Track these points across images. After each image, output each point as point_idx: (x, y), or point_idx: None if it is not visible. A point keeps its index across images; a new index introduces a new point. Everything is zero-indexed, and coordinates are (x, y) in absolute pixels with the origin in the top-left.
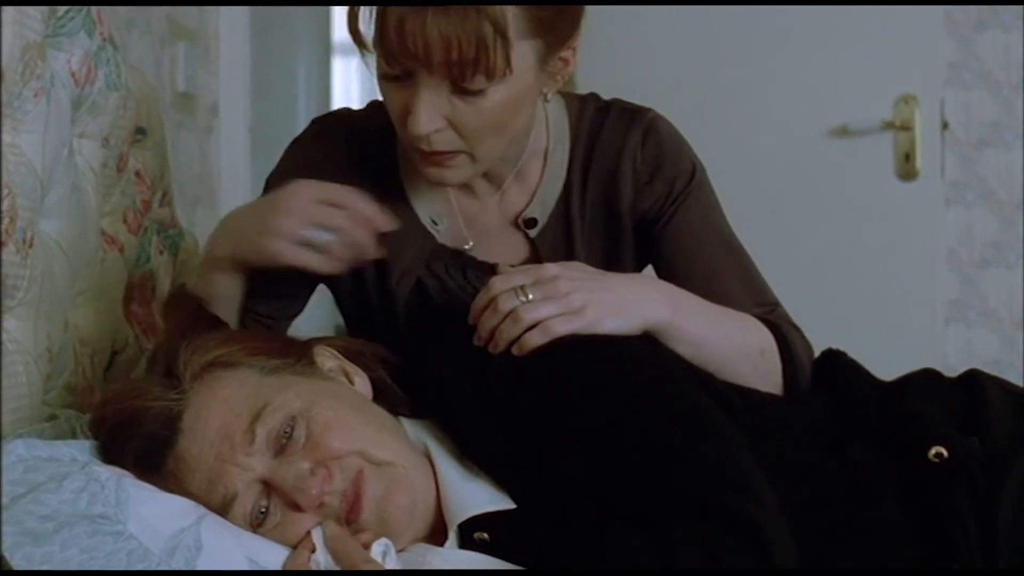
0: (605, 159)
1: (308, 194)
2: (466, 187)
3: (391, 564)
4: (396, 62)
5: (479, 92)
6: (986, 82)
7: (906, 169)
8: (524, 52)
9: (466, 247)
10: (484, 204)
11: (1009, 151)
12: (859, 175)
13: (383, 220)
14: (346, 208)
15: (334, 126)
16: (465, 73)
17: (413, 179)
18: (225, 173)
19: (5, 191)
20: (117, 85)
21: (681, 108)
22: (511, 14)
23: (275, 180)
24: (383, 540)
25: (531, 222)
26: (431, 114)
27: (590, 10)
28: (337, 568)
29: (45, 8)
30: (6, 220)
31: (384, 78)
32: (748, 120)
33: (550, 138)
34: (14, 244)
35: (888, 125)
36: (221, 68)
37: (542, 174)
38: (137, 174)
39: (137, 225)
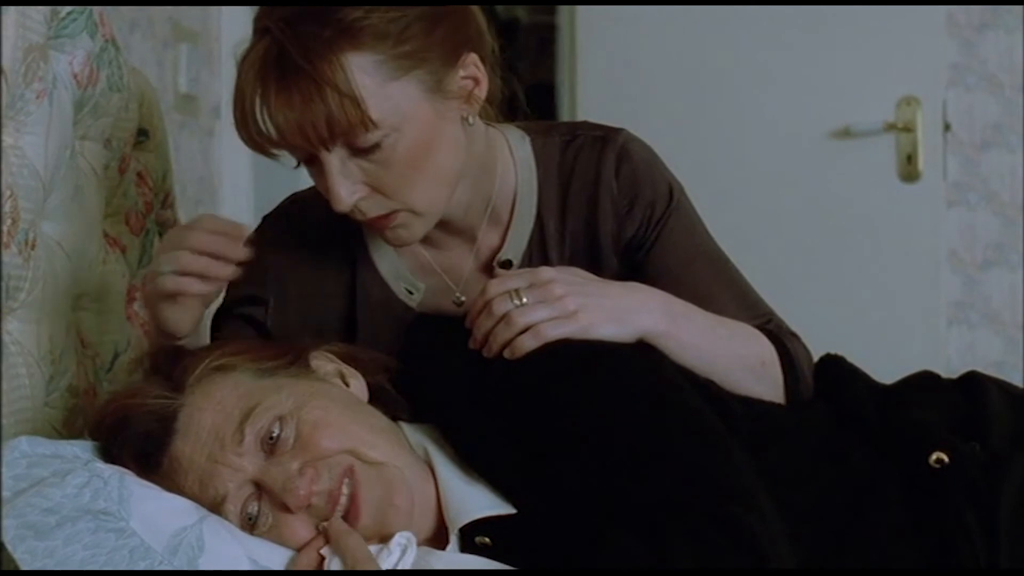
0: (581, 192)
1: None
2: (440, 245)
3: (410, 559)
4: (272, 150)
5: (375, 147)
6: (988, 84)
7: (908, 171)
8: (404, 91)
9: (455, 301)
10: (462, 255)
11: (1012, 153)
12: (861, 177)
13: (231, 228)
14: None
15: (285, 221)
16: (327, 145)
17: (381, 250)
18: (227, 175)
19: (7, 193)
20: (119, 87)
21: (682, 110)
22: (370, 64)
23: (231, 282)
24: (406, 533)
25: (506, 264)
26: (346, 186)
27: (590, 10)
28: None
29: (47, 9)
30: (8, 222)
31: (298, 163)
32: (750, 122)
33: (518, 176)
34: (16, 246)
35: (890, 127)
36: (223, 70)
37: (512, 214)
38: (139, 176)
39: (139, 227)
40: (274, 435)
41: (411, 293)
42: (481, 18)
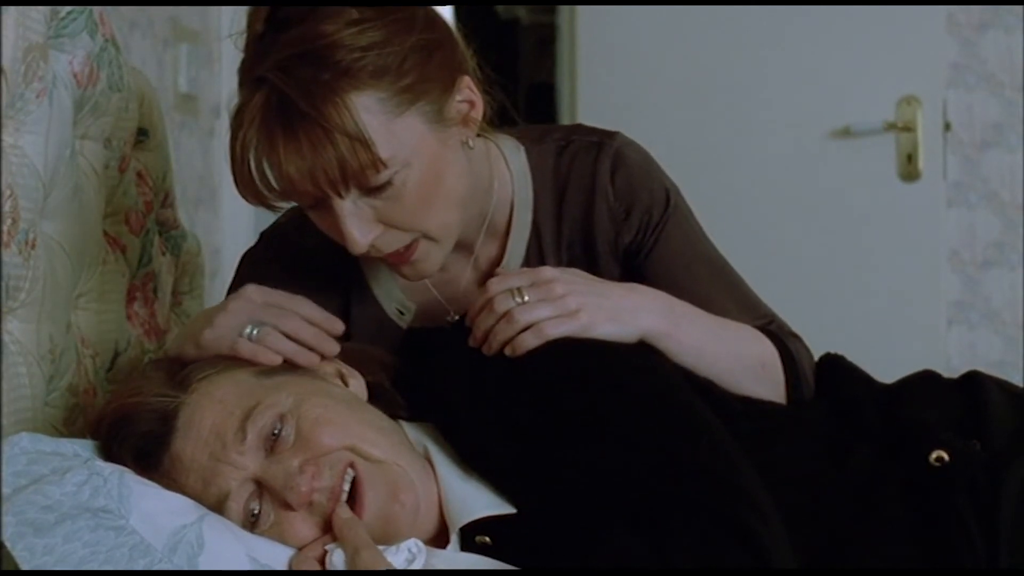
0: (577, 198)
1: (254, 297)
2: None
3: (418, 566)
4: (276, 203)
5: (387, 185)
6: (989, 83)
7: (908, 170)
8: (409, 125)
9: (449, 319)
10: (460, 269)
11: (1012, 152)
12: (861, 176)
13: (329, 324)
14: (288, 310)
15: (283, 239)
16: (339, 190)
17: (375, 271)
18: (227, 174)
19: (7, 192)
20: (119, 86)
21: (682, 110)
22: (373, 103)
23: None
24: (418, 542)
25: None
26: (361, 227)
27: (591, 10)
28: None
29: (47, 9)
30: (8, 221)
31: (305, 208)
32: (750, 121)
33: (514, 187)
34: (16, 245)
35: (891, 126)
36: (223, 69)
37: (509, 223)
38: (139, 175)
39: (139, 226)
40: (275, 433)
41: (402, 314)
42: (460, 37)
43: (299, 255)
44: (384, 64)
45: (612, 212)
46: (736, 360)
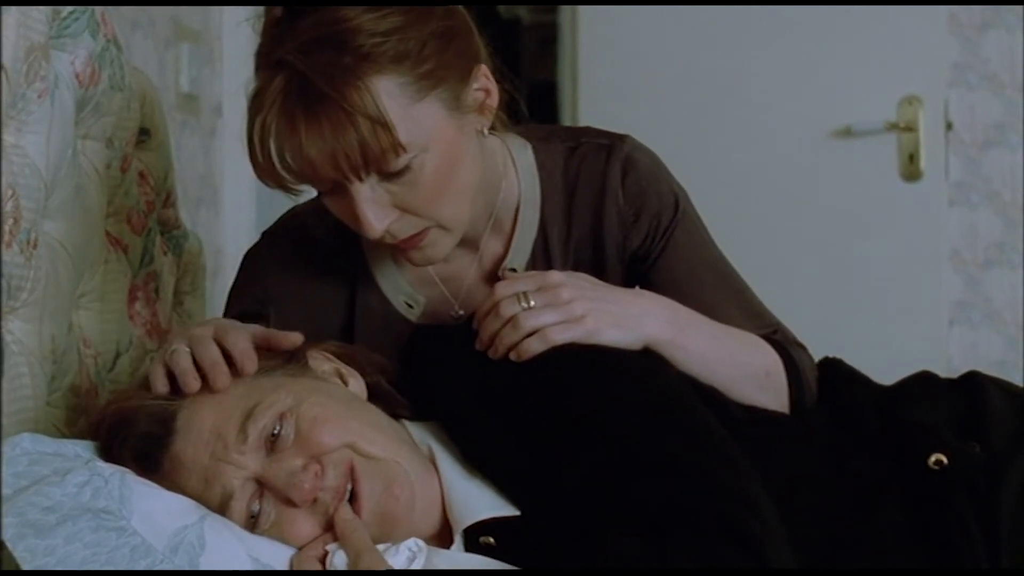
0: (586, 201)
1: (205, 323)
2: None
3: (418, 566)
4: (295, 186)
5: (405, 170)
6: (990, 83)
7: (910, 170)
8: (428, 111)
9: (453, 314)
10: (464, 265)
11: (1013, 152)
12: (863, 176)
13: (242, 358)
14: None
15: (285, 236)
16: (360, 174)
17: (381, 264)
18: (228, 174)
19: (9, 192)
20: (121, 86)
21: (683, 110)
22: (394, 87)
23: (233, 297)
24: (419, 541)
25: (512, 271)
26: (377, 212)
27: (592, 10)
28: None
29: (48, 9)
30: (10, 221)
31: (319, 194)
32: (751, 121)
33: (520, 183)
34: (18, 245)
35: (892, 126)
36: (224, 69)
37: (515, 221)
38: (141, 175)
39: (141, 226)
40: (275, 432)
41: (411, 307)
42: (475, 28)
43: (301, 251)
44: (404, 49)
45: (621, 215)
46: (740, 368)
